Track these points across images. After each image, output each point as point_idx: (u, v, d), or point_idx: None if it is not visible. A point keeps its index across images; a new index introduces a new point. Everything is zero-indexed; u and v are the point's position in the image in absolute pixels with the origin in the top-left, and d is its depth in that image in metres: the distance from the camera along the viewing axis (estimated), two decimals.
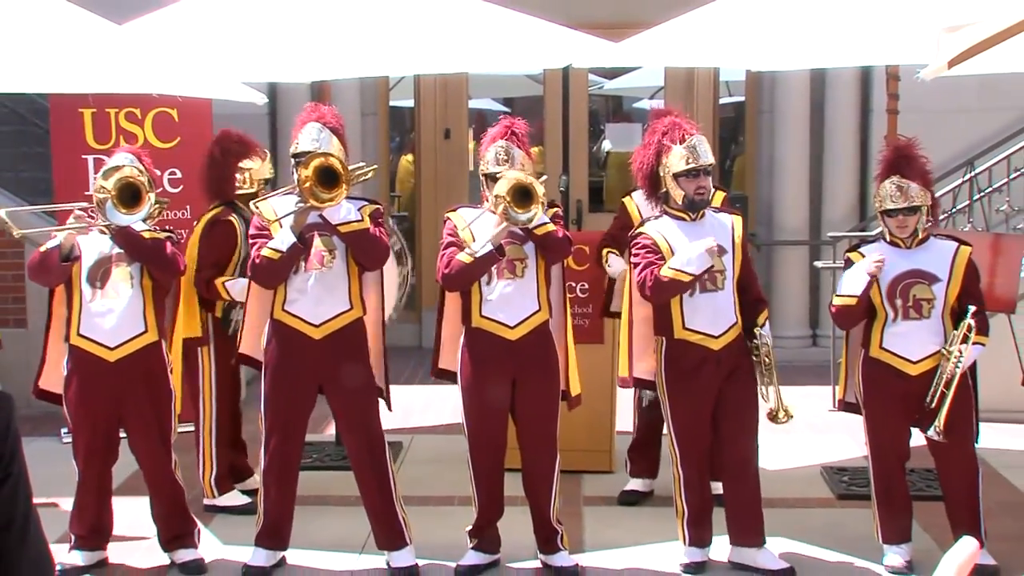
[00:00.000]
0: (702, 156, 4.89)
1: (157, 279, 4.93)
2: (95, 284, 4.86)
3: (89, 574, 4.96)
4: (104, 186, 4.76)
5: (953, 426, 4.80)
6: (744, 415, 4.90)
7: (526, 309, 4.84)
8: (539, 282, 4.88)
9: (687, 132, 4.93)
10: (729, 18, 5.63)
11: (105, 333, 4.84)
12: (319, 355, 4.85)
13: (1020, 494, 5.92)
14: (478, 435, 4.92)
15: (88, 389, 4.86)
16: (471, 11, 6.32)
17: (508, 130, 4.98)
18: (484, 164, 4.98)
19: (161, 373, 4.96)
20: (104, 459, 4.96)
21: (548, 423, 4.92)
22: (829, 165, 9.10)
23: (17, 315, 7.48)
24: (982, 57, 4.48)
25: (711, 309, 4.84)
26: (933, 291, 4.83)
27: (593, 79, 10.56)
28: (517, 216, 4.70)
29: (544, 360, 4.90)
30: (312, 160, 4.69)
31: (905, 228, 4.87)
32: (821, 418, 7.19)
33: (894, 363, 4.85)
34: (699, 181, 4.88)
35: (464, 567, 4.98)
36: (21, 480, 1.85)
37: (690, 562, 4.97)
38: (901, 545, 4.97)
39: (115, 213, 4.75)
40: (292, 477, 4.99)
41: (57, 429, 6.93)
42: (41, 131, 8.04)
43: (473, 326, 4.87)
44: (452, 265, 4.79)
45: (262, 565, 4.96)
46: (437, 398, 7.67)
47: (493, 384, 4.85)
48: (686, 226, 4.89)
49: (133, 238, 4.85)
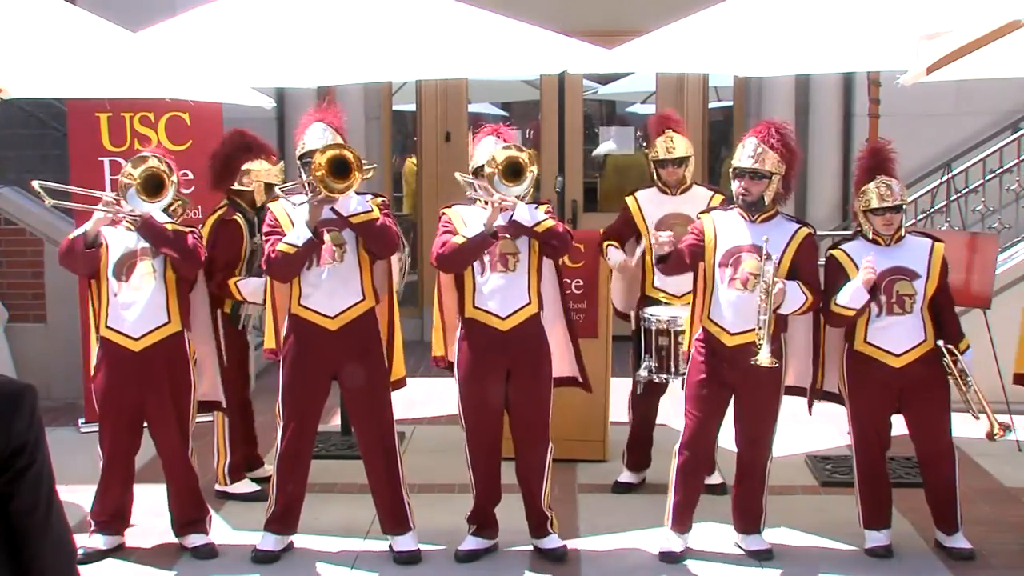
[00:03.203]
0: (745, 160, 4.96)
1: (179, 271, 5.02)
2: (120, 278, 4.97)
3: (109, 558, 5.07)
4: (132, 173, 4.90)
5: (931, 417, 4.97)
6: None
7: (517, 301, 4.93)
8: (531, 276, 4.97)
9: (754, 132, 5.02)
10: (718, 26, 5.69)
11: (130, 325, 4.95)
12: (335, 346, 4.93)
13: (995, 481, 6.04)
14: (474, 425, 5.01)
15: (115, 379, 4.97)
16: (471, 19, 6.41)
17: (495, 131, 5.11)
18: (472, 160, 5.12)
19: (183, 363, 5.05)
20: (128, 447, 5.06)
21: (540, 413, 5.00)
22: (813, 167, 9.17)
23: (36, 311, 7.56)
24: (959, 64, 4.61)
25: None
26: (915, 287, 4.92)
27: (588, 84, 10.54)
28: (504, 188, 4.81)
29: (536, 352, 4.98)
30: (326, 151, 4.76)
31: (891, 226, 4.96)
32: (806, 409, 7.32)
33: (878, 356, 4.95)
34: (743, 182, 4.95)
35: (463, 552, 5.06)
36: (45, 467, 1.91)
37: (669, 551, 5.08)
38: (881, 530, 5.09)
39: (137, 200, 4.88)
40: (304, 465, 5.08)
41: (75, 420, 7.08)
42: (59, 134, 8.13)
43: (467, 316, 4.97)
44: (447, 246, 4.89)
45: (271, 549, 5.06)
46: (439, 390, 7.75)
47: (488, 375, 4.93)
48: (748, 225, 4.96)
49: (156, 229, 4.95)
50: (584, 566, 5.03)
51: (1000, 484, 6.01)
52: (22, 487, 1.87)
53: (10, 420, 1.87)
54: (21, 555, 1.87)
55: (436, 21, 6.33)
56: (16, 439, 1.86)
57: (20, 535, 1.87)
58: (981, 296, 6.05)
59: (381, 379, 5.06)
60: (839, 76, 8.94)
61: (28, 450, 1.88)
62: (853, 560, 5.08)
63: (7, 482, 1.86)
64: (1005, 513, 5.57)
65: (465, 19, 6.41)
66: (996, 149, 8.32)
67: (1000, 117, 8.75)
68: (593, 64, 6.81)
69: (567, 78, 8.28)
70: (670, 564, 5.02)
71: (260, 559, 5.04)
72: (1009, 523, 5.45)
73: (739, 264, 4.86)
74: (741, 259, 4.87)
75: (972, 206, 8.25)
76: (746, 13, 5.65)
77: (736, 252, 4.90)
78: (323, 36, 6.02)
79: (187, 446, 5.10)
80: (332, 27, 6.04)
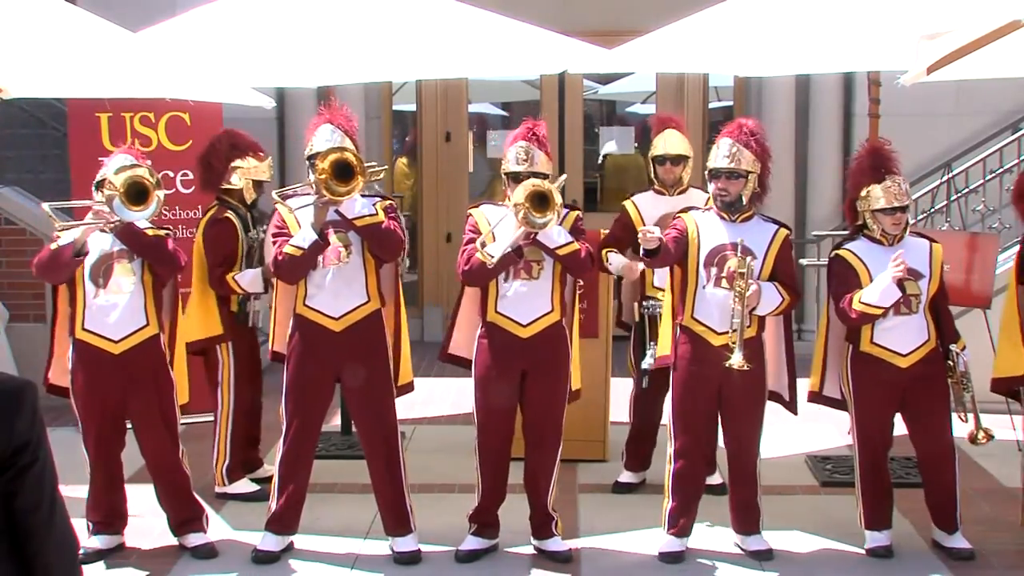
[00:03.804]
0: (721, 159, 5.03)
1: (158, 274, 5.01)
2: (97, 281, 4.94)
3: (108, 558, 5.07)
4: (113, 183, 4.84)
5: (933, 417, 4.97)
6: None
7: (539, 309, 4.94)
8: (554, 283, 4.98)
9: (727, 133, 5.12)
10: (718, 26, 5.71)
11: (110, 327, 4.93)
12: (339, 347, 4.94)
13: (994, 481, 6.05)
14: (486, 424, 5.01)
15: (95, 381, 4.96)
16: (471, 19, 6.42)
17: (530, 131, 5.08)
18: (505, 163, 5.09)
19: (161, 364, 5.04)
20: (113, 447, 5.05)
21: (554, 418, 5.01)
22: (813, 167, 9.21)
23: (36, 310, 7.56)
24: (959, 64, 4.63)
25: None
26: (920, 287, 4.94)
27: (588, 84, 10.57)
28: (535, 220, 4.76)
29: (554, 358, 4.99)
30: (328, 154, 4.78)
31: (899, 225, 4.97)
32: (806, 409, 7.32)
33: (885, 356, 4.95)
34: (720, 182, 5.01)
35: (464, 552, 5.07)
36: (47, 464, 1.93)
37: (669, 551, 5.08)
38: (882, 530, 5.10)
39: (123, 209, 4.84)
40: (307, 465, 5.09)
41: (75, 420, 7.07)
42: (59, 134, 8.15)
43: (488, 320, 4.98)
44: (472, 263, 4.89)
45: (271, 549, 5.06)
46: (439, 390, 7.78)
47: (503, 377, 4.94)
48: (726, 225, 5.00)
49: (136, 235, 4.94)
50: (584, 566, 5.04)
51: (1000, 484, 6.01)
52: (25, 485, 1.87)
53: (12, 418, 1.88)
54: (25, 551, 1.88)
55: (436, 21, 6.34)
56: (19, 437, 1.87)
57: (24, 532, 1.88)
58: (981, 296, 6.05)
59: (384, 380, 5.06)
60: (839, 76, 8.95)
61: (31, 448, 1.88)
62: (853, 560, 5.08)
63: (10, 480, 1.87)
64: (1005, 513, 5.57)
65: (465, 19, 6.43)
66: (996, 149, 8.34)
67: (1000, 117, 8.77)
68: (593, 64, 6.82)
69: (567, 78, 8.31)
70: (670, 564, 5.02)
71: (260, 559, 5.05)
72: (1009, 523, 5.45)
73: (724, 263, 4.88)
74: (726, 257, 4.89)
75: (972, 206, 8.28)
76: (746, 13, 5.66)
77: (720, 251, 4.93)
78: (323, 36, 6.03)
79: (176, 446, 5.09)
80: (332, 27, 6.05)
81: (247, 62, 6.07)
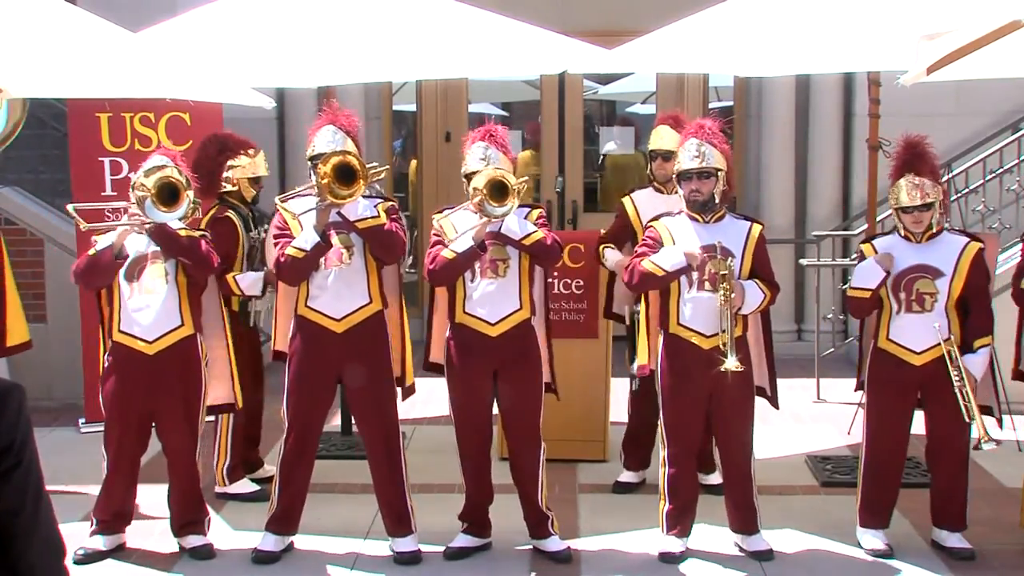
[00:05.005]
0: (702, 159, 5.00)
1: (192, 275, 5.02)
2: (132, 281, 4.95)
3: (109, 558, 5.07)
4: (145, 184, 4.85)
5: (948, 416, 4.94)
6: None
7: (507, 307, 4.95)
8: (521, 281, 4.99)
9: (690, 134, 5.07)
10: (718, 26, 5.70)
11: (143, 328, 4.94)
12: (340, 348, 4.95)
13: (995, 481, 6.05)
14: (463, 424, 5.04)
15: (126, 383, 4.96)
16: (471, 19, 6.42)
17: (487, 133, 5.11)
18: (464, 165, 5.12)
19: (196, 365, 5.04)
20: (134, 450, 5.06)
21: (530, 415, 5.02)
22: (814, 167, 9.20)
23: (36, 311, 7.52)
24: (959, 64, 4.61)
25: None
26: (936, 285, 4.94)
27: (588, 84, 10.55)
28: (493, 209, 4.80)
29: (525, 355, 5.00)
30: (330, 158, 4.79)
31: (920, 224, 4.99)
32: (806, 409, 7.31)
33: (899, 353, 4.98)
34: (691, 184, 5.04)
35: (453, 549, 5.09)
36: (32, 467, 1.89)
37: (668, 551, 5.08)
38: (879, 530, 5.11)
39: (154, 211, 4.85)
40: (308, 466, 5.09)
41: (75, 420, 7.06)
42: (59, 134, 8.11)
43: (457, 321, 4.99)
44: (436, 261, 4.91)
45: (271, 550, 5.06)
46: (439, 390, 7.77)
47: (475, 376, 4.96)
48: (699, 227, 5.01)
49: (170, 236, 4.95)
50: (584, 566, 5.04)
51: (1000, 484, 6.02)
52: (9, 487, 1.86)
53: None
54: (8, 554, 1.86)
55: (436, 21, 6.34)
56: (2, 440, 1.85)
57: (7, 535, 1.86)
58: None
59: (386, 381, 5.07)
60: (839, 76, 8.94)
61: (15, 450, 1.86)
62: (853, 560, 5.09)
63: None
64: (1005, 513, 5.57)
65: (465, 19, 6.42)
66: (996, 149, 8.35)
67: (1000, 117, 8.77)
68: (593, 64, 6.82)
69: (567, 78, 8.32)
70: (670, 564, 5.03)
71: (260, 559, 5.05)
72: (1009, 523, 5.45)
73: (704, 266, 4.88)
74: (705, 261, 4.89)
75: (972, 206, 8.29)
76: (746, 13, 5.66)
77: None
78: (323, 36, 6.03)
79: (195, 448, 5.11)
80: (332, 27, 6.05)
81: (247, 62, 6.07)
